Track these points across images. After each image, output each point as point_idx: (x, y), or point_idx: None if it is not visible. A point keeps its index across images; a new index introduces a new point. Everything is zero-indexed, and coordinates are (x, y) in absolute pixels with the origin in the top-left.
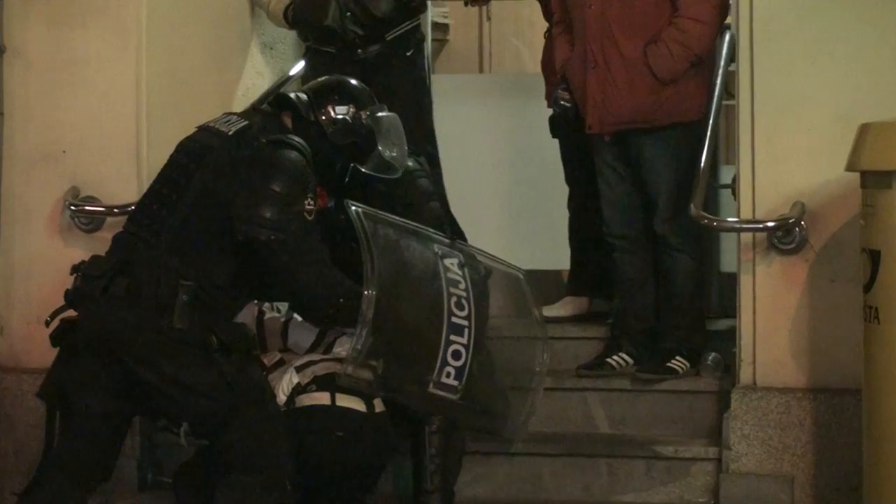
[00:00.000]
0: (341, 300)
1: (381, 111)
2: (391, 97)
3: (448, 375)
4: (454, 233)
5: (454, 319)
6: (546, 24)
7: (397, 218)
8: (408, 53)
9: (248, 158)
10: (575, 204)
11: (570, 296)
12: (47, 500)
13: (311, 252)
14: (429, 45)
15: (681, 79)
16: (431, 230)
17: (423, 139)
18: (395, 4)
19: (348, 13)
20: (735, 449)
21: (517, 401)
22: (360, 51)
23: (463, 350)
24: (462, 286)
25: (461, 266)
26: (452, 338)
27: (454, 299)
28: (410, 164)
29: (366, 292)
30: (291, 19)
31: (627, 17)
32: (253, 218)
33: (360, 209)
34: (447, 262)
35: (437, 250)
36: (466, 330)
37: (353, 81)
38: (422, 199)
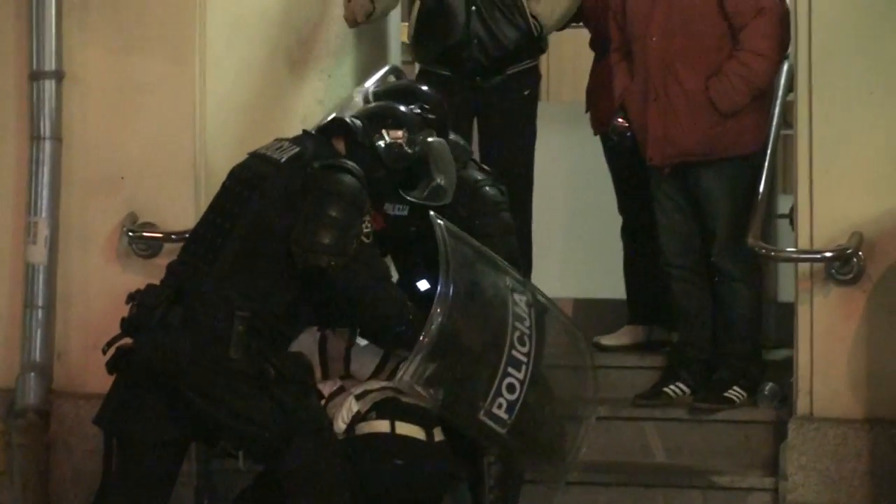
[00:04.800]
0: (410, 317)
1: (431, 136)
2: (502, 133)
3: (500, 407)
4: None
5: (514, 353)
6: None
7: (476, 242)
8: (525, 93)
9: (303, 185)
10: (629, 233)
11: (629, 325)
12: None
13: (373, 273)
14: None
15: (742, 112)
16: (506, 263)
17: (521, 178)
18: (521, 37)
19: (475, 40)
20: (792, 479)
21: (570, 432)
22: (478, 78)
23: (518, 385)
24: (527, 324)
25: (529, 305)
26: (510, 370)
27: (517, 333)
28: (494, 193)
29: (437, 308)
30: (413, 34)
31: (689, 50)
32: (312, 245)
33: (444, 223)
34: (516, 296)
35: (508, 283)
36: (524, 366)
37: (403, 108)
38: (502, 232)
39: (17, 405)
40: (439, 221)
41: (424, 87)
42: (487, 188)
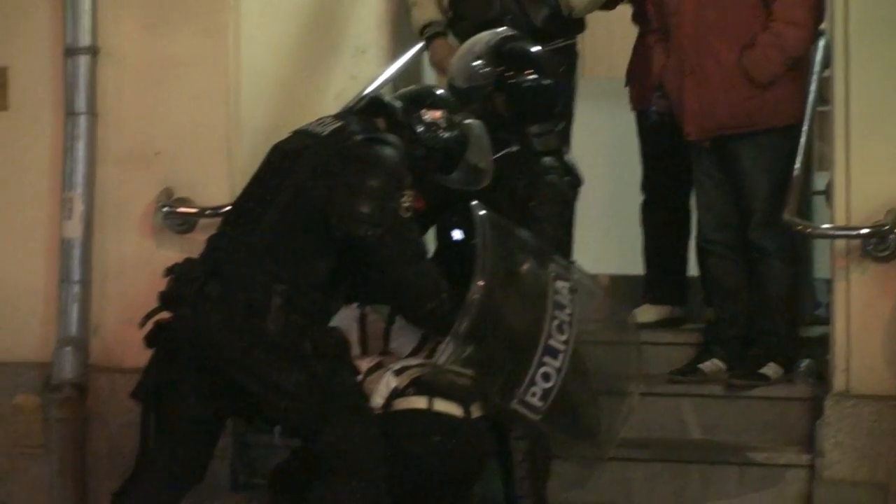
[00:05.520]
0: (443, 295)
1: (469, 118)
2: None
3: (534, 395)
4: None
5: (551, 342)
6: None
7: (522, 230)
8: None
9: (343, 156)
10: (649, 210)
11: (649, 304)
12: (141, 501)
13: (410, 247)
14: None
15: (778, 82)
16: (552, 249)
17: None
18: (553, 17)
19: (508, 16)
20: (828, 456)
21: (610, 410)
22: None
23: (554, 373)
24: (567, 311)
25: (572, 291)
26: (545, 359)
27: (556, 322)
28: (558, 182)
29: (473, 295)
30: (449, 10)
31: (722, 22)
32: (351, 214)
33: (486, 214)
34: (559, 284)
35: (551, 270)
36: (562, 354)
37: (442, 91)
38: (555, 219)
39: (53, 379)
40: (480, 213)
41: (535, 48)
42: (554, 176)
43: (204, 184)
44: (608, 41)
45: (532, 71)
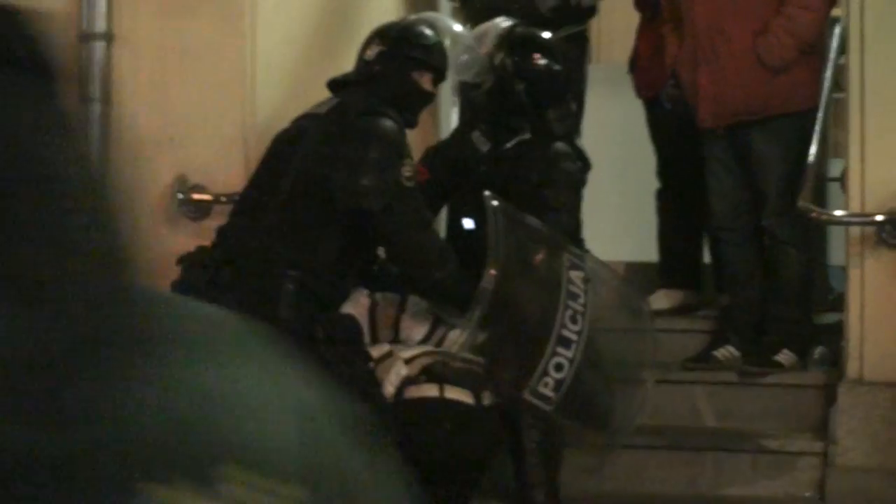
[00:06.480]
0: (450, 266)
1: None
2: None
3: (546, 385)
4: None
5: (564, 332)
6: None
7: (535, 220)
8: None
9: (342, 132)
10: (664, 198)
11: (664, 289)
12: None
13: (415, 216)
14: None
15: (792, 67)
16: (565, 239)
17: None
18: (559, 4)
19: (516, 4)
20: (841, 443)
21: (625, 398)
22: None
23: (566, 363)
24: (581, 301)
25: (585, 281)
26: (558, 350)
27: (569, 312)
28: (574, 170)
29: (486, 284)
30: None
31: (736, 8)
32: (353, 188)
33: (498, 204)
34: (573, 274)
35: (565, 261)
36: (574, 345)
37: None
38: (569, 207)
39: None
40: (493, 203)
41: (543, 34)
42: (568, 163)
43: (219, 171)
44: (625, 26)
45: (541, 56)
